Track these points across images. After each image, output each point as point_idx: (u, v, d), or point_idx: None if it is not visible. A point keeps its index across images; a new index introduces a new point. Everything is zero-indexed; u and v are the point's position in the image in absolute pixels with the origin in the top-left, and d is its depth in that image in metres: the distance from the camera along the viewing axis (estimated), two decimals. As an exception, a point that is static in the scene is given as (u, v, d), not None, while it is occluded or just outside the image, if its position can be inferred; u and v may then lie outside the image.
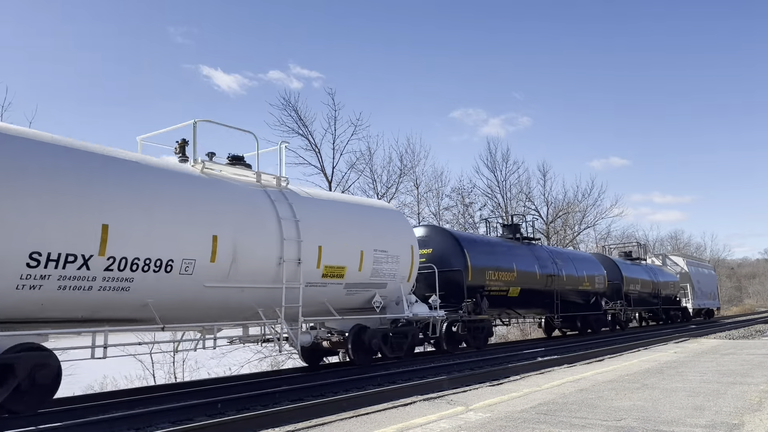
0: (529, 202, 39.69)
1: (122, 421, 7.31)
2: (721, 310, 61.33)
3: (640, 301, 29.75)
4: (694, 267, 38.75)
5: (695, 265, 39.82)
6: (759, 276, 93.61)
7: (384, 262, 12.89)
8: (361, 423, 6.45)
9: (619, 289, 26.79)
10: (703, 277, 39.95)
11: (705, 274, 41.07)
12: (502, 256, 18.95)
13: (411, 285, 14.01)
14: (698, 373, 9.97)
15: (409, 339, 13.79)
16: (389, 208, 14.99)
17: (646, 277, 30.59)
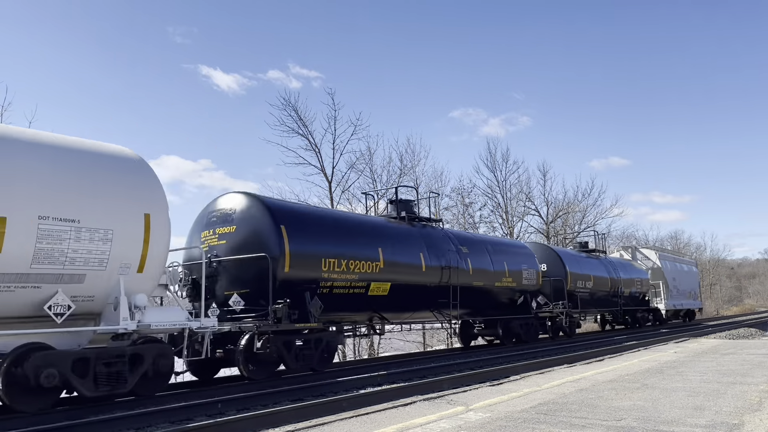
0: (529, 202, 39.73)
1: (122, 421, 7.31)
2: (721, 311, 61.41)
3: (595, 301, 24.90)
4: (669, 262, 33.64)
5: (671, 259, 34.94)
6: (759, 276, 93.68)
7: (70, 239, 7.79)
8: (361, 423, 6.45)
9: (562, 287, 21.90)
10: (682, 274, 34.99)
11: (683, 271, 35.78)
12: (360, 239, 13.57)
13: (151, 279, 8.89)
14: (698, 373, 9.97)
15: (145, 366, 8.62)
16: (95, 150, 8.81)
17: (603, 273, 25.51)
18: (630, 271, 28.68)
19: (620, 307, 26.84)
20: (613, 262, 27.59)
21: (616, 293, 26.43)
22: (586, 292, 23.70)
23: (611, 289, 26.11)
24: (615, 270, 26.92)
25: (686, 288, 35.10)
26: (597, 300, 25.04)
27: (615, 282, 26.43)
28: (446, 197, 34.41)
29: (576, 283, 23.08)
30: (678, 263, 35.75)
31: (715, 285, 75.83)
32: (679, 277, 33.90)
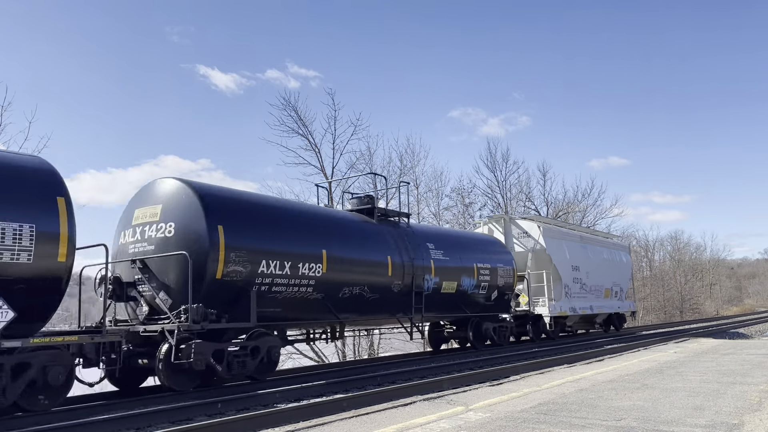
0: (529, 202, 39.58)
1: (122, 421, 7.31)
2: (721, 311, 61.34)
3: (377, 304, 13.77)
4: (564, 242, 21.89)
5: (570, 238, 22.74)
6: (759, 276, 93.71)
7: None
8: (361, 423, 6.45)
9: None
10: (594, 261, 23.56)
11: (600, 258, 24.39)
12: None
13: None
14: (698, 373, 9.97)
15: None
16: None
17: (378, 257, 13.62)
18: (474, 254, 16.87)
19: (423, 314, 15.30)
20: (425, 235, 15.62)
21: (409, 289, 14.23)
22: (349, 292, 12.70)
23: (403, 284, 14.03)
24: (415, 251, 14.47)
25: (603, 283, 23.90)
26: (383, 302, 13.62)
27: (416, 272, 14.35)
28: (446, 197, 34.37)
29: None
30: (588, 245, 23.91)
31: (715, 285, 75.83)
32: (588, 266, 22.71)
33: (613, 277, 25.14)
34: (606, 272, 24.52)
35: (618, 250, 27.33)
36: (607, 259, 25.16)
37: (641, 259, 55.62)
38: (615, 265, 25.81)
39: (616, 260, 26.10)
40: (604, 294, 24.25)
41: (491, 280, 17.02)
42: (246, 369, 10.25)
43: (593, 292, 23.24)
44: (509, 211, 37.38)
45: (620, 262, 26.56)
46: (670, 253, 65.24)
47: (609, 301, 24.57)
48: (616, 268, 25.88)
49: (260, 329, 10.65)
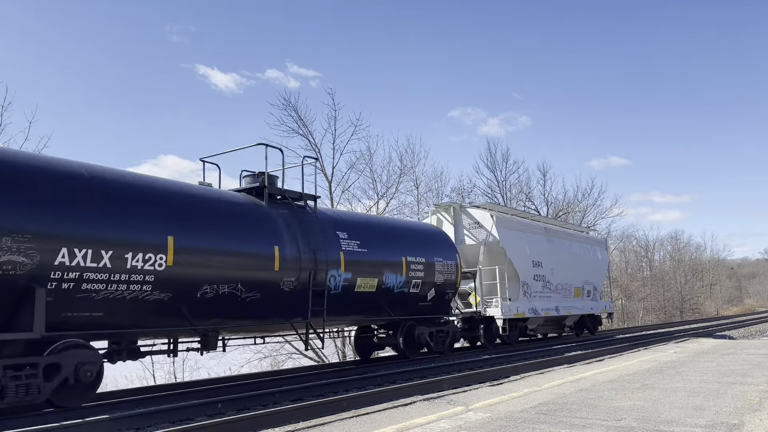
0: (529, 202, 39.60)
1: (122, 421, 7.31)
2: (721, 311, 61.33)
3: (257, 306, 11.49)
4: (522, 234, 19.08)
5: (531, 230, 19.88)
6: (759, 276, 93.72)
7: None
8: (361, 423, 6.45)
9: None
10: (559, 256, 20.57)
11: (569, 252, 21.48)
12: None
13: None
14: (698, 373, 9.97)
15: None
16: None
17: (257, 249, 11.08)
18: (404, 246, 14.12)
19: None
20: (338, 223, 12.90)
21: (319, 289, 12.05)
22: (213, 291, 10.11)
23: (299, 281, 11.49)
24: (319, 241, 11.91)
25: (572, 281, 21.21)
26: (267, 304, 11.03)
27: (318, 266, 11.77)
28: (446, 197, 34.32)
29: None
30: (555, 239, 20.97)
31: (715, 285, 75.83)
32: (553, 262, 20.00)
33: (585, 275, 22.34)
34: (576, 269, 21.69)
35: (592, 245, 24.28)
36: (577, 254, 22.23)
37: (641, 259, 55.67)
38: (588, 261, 22.94)
39: (589, 256, 23.21)
40: (574, 293, 21.38)
41: (426, 277, 14.27)
42: (32, 395, 7.59)
43: (560, 292, 20.48)
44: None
45: (594, 259, 23.70)
46: (670, 253, 65.31)
47: (580, 302, 21.79)
48: (589, 265, 23.00)
49: (73, 340, 8.10)
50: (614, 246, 47.32)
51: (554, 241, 20.75)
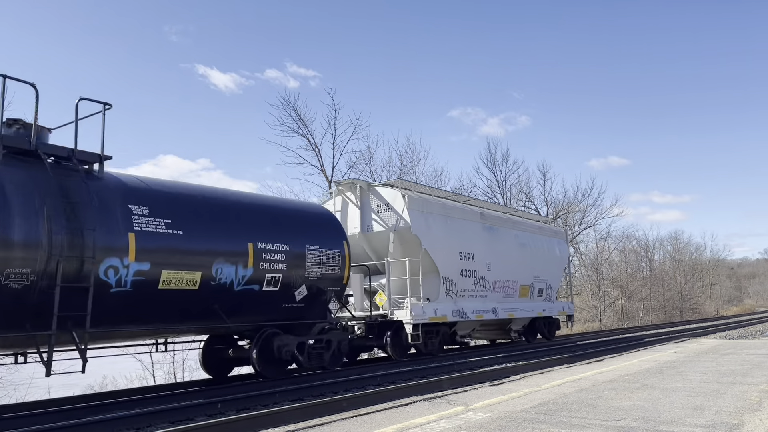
0: (529, 201, 39.61)
1: (122, 421, 7.31)
2: (721, 311, 61.34)
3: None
4: (449, 220, 15.93)
5: (459, 215, 16.48)
6: (759, 276, 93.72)
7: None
8: (361, 423, 6.45)
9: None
10: (501, 249, 17.66)
11: (511, 246, 18.34)
12: None
13: None
14: (698, 373, 9.97)
15: None
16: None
17: None
18: (254, 229, 10.75)
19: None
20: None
21: (81, 286, 8.20)
22: None
23: (45, 273, 7.87)
24: (93, 217, 8.36)
25: (517, 277, 18.14)
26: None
27: (85, 253, 8.20)
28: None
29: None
30: (496, 227, 17.68)
31: (715, 285, 75.84)
32: (491, 254, 16.94)
33: (535, 271, 19.21)
34: (523, 264, 18.49)
35: (548, 236, 20.86)
36: (527, 246, 19.01)
37: (641, 259, 55.65)
38: (541, 255, 19.70)
39: (542, 249, 19.99)
40: (520, 292, 18.31)
41: (291, 270, 10.82)
42: None
43: (500, 290, 17.34)
44: (509, 211, 37.24)
45: (550, 253, 20.48)
46: (670, 253, 65.31)
47: (528, 303, 18.71)
48: (543, 260, 19.78)
49: None
50: (614, 246, 47.39)
51: (495, 230, 17.53)
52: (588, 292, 40.91)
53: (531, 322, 19.46)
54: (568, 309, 21.58)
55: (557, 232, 22.76)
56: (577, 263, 43.06)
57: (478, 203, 19.07)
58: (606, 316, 40.20)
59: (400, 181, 16.48)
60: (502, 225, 18.22)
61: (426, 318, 14.07)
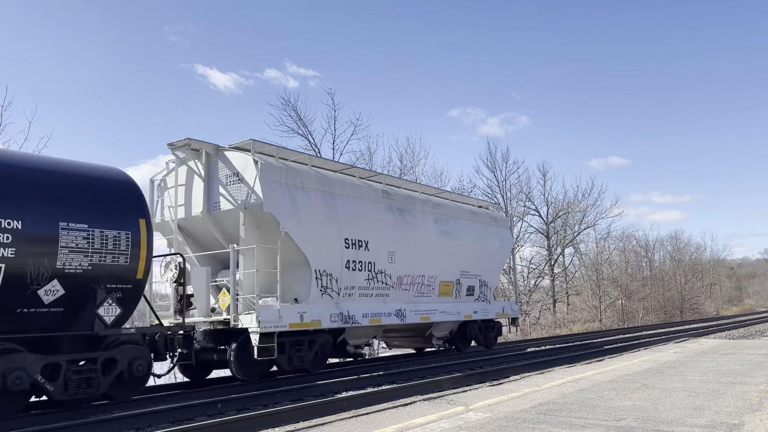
0: (529, 202, 39.56)
1: (122, 421, 7.32)
2: (721, 311, 61.40)
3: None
4: (323, 195, 12.32)
5: (344, 189, 12.88)
6: (759, 276, 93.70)
7: None
8: (361, 423, 6.45)
9: None
10: (412, 236, 14.25)
11: (427, 233, 14.90)
12: None
13: None
14: (698, 373, 9.97)
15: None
16: None
17: None
18: None
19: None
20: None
21: None
22: None
23: None
24: None
25: (435, 272, 14.88)
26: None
27: None
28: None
29: None
30: (401, 207, 14.24)
31: (715, 285, 75.83)
32: (396, 242, 13.69)
33: (464, 265, 15.70)
34: (446, 256, 14.98)
35: (485, 223, 17.17)
36: (450, 235, 15.31)
37: (641, 259, 55.62)
38: (471, 246, 16.12)
39: (474, 238, 16.37)
40: (440, 291, 14.76)
41: (28, 258, 7.60)
42: None
43: (409, 288, 13.82)
44: (509, 211, 37.21)
45: (485, 243, 16.85)
46: (670, 253, 65.27)
47: (453, 303, 15.20)
48: (475, 252, 16.21)
49: None
50: (614, 246, 47.35)
51: (406, 213, 13.98)
52: (588, 292, 40.89)
53: (461, 327, 16.11)
54: (510, 310, 17.93)
55: (497, 218, 18.48)
56: (577, 263, 43.06)
57: (385, 179, 14.82)
58: (606, 316, 40.18)
59: (257, 143, 11.82)
60: (417, 207, 14.55)
61: (285, 325, 10.72)
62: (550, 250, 39.47)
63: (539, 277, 39.01)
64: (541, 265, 39.12)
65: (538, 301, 37.92)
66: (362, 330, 13.13)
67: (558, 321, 35.96)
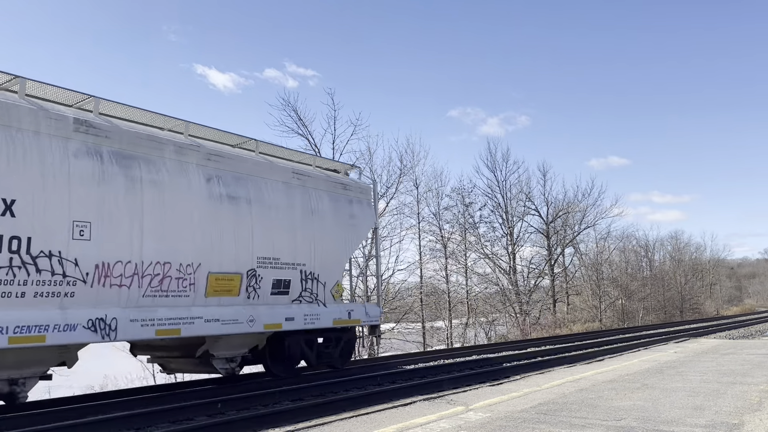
0: (529, 202, 39.55)
1: (122, 421, 7.32)
2: (721, 311, 61.37)
3: None
4: None
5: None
6: (759, 276, 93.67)
7: None
8: (361, 423, 6.45)
9: None
10: (147, 196, 8.92)
11: (189, 191, 9.53)
12: None
13: None
14: (698, 373, 9.97)
15: None
16: None
17: None
18: None
19: None
20: None
21: None
22: None
23: None
24: None
25: (201, 257, 9.58)
26: None
27: None
28: (446, 197, 34.20)
29: None
30: (112, 152, 8.71)
31: (715, 285, 75.81)
32: (94, 208, 8.33)
33: (265, 248, 10.67)
34: (224, 233, 10.02)
35: (312, 187, 11.80)
36: (235, 200, 10.31)
37: (641, 259, 55.61)
38: (282, 219, 11.01)
39: (291, 208, 11.24)
40: (209, 288, 9.70)
41: None
42: None
43: (134, 283, 8.73)
44: (509, 211, 37.18)
45: (316, 216, 11.64)
46: (670, 253, 65.26)
47: (244, 307, 10.22)
48: (290, 229, 11.13)
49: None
50: (614, 246, 47.33)
51: (130, 164, 8.93)
52: (588, 292, 40.90)
53: (275, 342, 11.04)
54: (363, 315, 12.44)
55: (348, 184, 12.80)
56: (577, 263, 43.04)
57: (100, 106, 9.24)
58: (606, 316, 40.19)
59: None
60: (167, 155, 9.52)
61: None
62: (550, 250, 39.47)
63: (539, 277, 39.01)
64: (541, 265, 39.12)
65: (538, 301, 37.91)
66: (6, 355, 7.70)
67: (558, 321, 35.96)
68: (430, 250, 32.59)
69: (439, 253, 32.51)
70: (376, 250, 15.60)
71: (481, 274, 35.07)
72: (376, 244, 15.64)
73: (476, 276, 34.77)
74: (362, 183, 14.02)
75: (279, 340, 11.12)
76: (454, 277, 33.53)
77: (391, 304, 28.06)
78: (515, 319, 34.36)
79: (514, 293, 35.51)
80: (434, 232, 32.82)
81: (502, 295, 35.37)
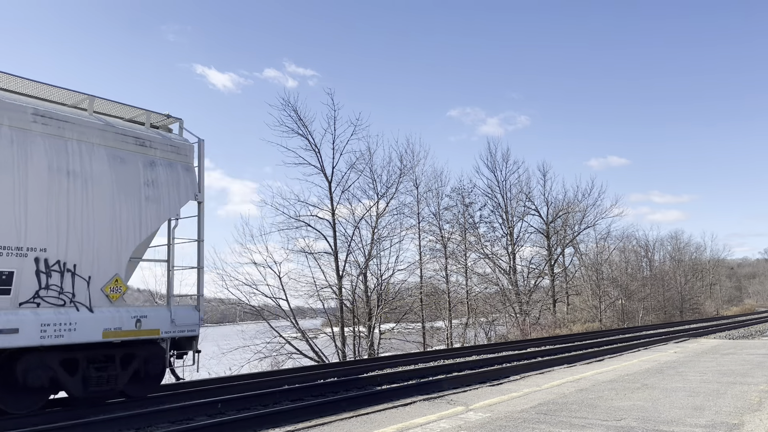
0: (529, 202, 39.54)
1: (122, 421, 7.32)
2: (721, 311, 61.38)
3: None
4: None
5: None
6: (759, 276, 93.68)
7: None
8: (361, 423, 6.45)
9: None
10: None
11: None
12: None
13: None
14: (698, 373, 9.97)
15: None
16: None
17: None
18: None
19: None
20: None
21: None
22: None
23: None
24: None
25: None
26: None
27: None
28: (446, 197, 34.20)
29: None
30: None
31: (715, 285, 75.80)
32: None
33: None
34: None
35: (73, 139, 8.33)
36: None
37: (641, 259, 55.59)
38: (24, 189, 7.67)
39: (28, 170, 7.73)
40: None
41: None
42: None
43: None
44: (509, 211, 37.22)
45: (78, 182, 8.28)
46: (670, 253, 65.26)
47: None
48: (22, 199, 7.64)
49: None
50: (614, 246, 47.31)
51: None
52: (588, 292, 40.88)
53: (4, 365, 7.59)
54: (167, 323, 9.14)
55: (145, 139, 9.43)
56: (577, 263, 43.02)
57: None
58: (606, 316, 40.17)
59: None
60: None
61: None
62: (550, 250, 39.46)
63: (539, 277, 39.00)
64: (541, 265, 39.10)
65: (538, 301, 37.89)
66: None
67: (558, 321, 35.95)
68: (430, 250, 32.59)
69: (439, 253, 32.49)
70: (198, 232, 10.22)
71: (481, 274, 35.05)
72: (199, 224, 10.21)
73: (476, 276, 34.75)
74: (176, 138, 10.07)
75: (9, 362, 7.57)
76: (454, 277, 33.51)
77: (392, 304, 28.04)
78: (515, 319, 34.33)
79: (514, 293, 35.44)
80: (434, 232, 32.81)
81: (502, 295, 35.30)
